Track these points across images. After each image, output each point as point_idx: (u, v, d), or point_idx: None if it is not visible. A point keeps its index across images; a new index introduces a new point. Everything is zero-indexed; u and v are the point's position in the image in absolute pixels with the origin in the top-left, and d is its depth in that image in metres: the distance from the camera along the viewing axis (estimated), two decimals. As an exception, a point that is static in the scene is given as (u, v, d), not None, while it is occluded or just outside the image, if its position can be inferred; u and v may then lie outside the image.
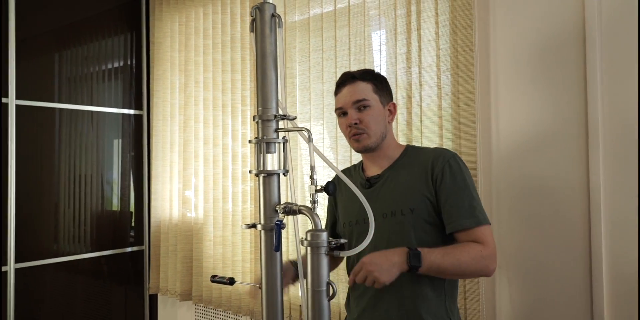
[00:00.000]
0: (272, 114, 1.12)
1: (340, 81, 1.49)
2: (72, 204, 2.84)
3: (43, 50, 2.74)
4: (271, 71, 1.13)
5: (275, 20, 1.13)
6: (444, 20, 1.83)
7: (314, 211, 1.07)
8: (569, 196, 1.61)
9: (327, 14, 2.19)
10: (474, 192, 1.36)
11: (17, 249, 2.57)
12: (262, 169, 1.12)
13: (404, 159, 1.46)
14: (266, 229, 1.13)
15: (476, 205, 1.34)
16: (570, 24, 1.61)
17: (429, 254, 1.26)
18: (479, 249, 1.30)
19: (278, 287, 1.13)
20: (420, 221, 1.36)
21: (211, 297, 2.66)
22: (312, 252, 1.05)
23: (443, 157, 1.39)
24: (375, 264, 1.22)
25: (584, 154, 1.58)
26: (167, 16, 2.95)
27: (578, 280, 1.59)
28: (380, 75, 1.51)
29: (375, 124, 1.43)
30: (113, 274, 3.02)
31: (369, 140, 1.43)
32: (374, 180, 1.47)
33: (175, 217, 2.89)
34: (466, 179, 1.37)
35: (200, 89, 2.75)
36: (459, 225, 1.33)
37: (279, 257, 1.13)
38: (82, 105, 2.86)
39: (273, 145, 1.14)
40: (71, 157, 2.83)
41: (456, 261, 1.27)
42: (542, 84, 1.67)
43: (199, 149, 2.74)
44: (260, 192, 1.13)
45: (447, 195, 1.35)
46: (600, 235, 1.53)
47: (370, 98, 1.43)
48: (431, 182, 1.37)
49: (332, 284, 1.04)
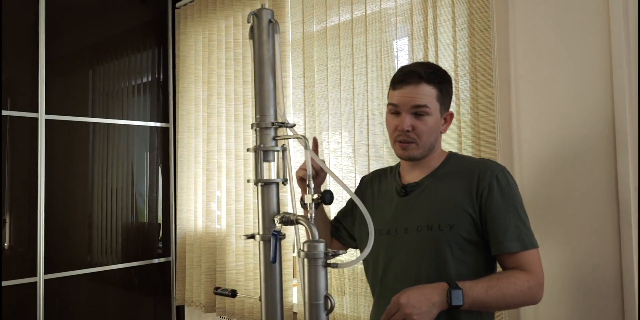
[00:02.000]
0: (269, 122, 1.09)
1: (401, 77, 1.30)
2: (104, 216, 2.90)
3: (72, 67, 2.83)
4: (269, 78, 1.11)
5: (273, 26, 1.11)
6: (461, 24, 1.77)
7: (312, 221, 1.03)
8: (597, 206, 1.50)
9: (344, 22, 2.17)
10: (521, 212, 1.24)
11: (47, 260, 2.63)
12: (260, 178, 1.09)
13: (445, 168, 1.33)
14: (264, 239, 1.10)
15: (523, 228, 1.22)
16: (596, 21, 1.53)
17: (471, 289, 1.15)
18: (525, 279, 1.18)
19: (277, 299, 1.09)
20: (458, 239, 1.24)
21: (234, 309, 2.64)
22: (309, 264, 1.00)
23: (491, 170, 1.25)
24: (413, 306, 1.11)
25: (612, 161, 1.48)
26: (192, 30, 3.00)
27: (609, 291, 1.47)
28: (447, 78, 1.33)
29: (428, 136, 1.29)
30: (141, 285, 3.05)
31: (416, 151, 1.30)
32: (411, 188, 1.34)
33: (200, 228, 2.90)
34: (515, 197, 1.24)
35: (222, 101, 2.77)
36: (504, 248, 1.20)
37: (278, 268, 1.09)
38: (111, 119, 2.93)
39: (272, 154, 1.11)
40: (103, 170, 2.90)
41: (501, 295, 1.16)
42: (566, 87, 1.58)
43: (222, 161, 2.75)
44: (258, 201, 1.10)
45: (493, 214, 1.22)
46: (631, 248, 1.42)
47: (431, 106, 1.27)
48: (475, 198, 1.24)
49: (330, 297, 0.99)
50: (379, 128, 2.01)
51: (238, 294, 1.19)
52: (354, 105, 2.09)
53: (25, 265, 2.58)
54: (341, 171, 2.15)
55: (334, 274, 2.17)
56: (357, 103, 2.08)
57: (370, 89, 2.03)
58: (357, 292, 2.07)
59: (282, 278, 1.10)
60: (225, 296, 1.20)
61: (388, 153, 1.98)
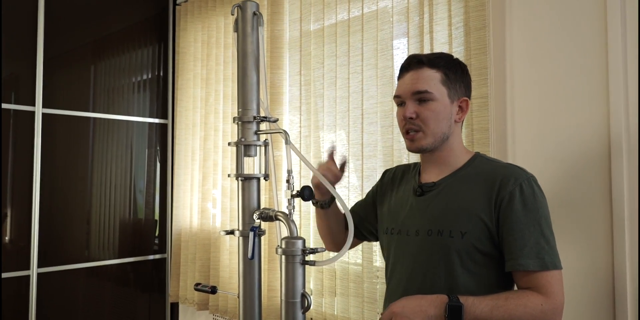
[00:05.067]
0: (251, 116, 1.08)
1: (405, 64, 1.24)
2: (100, 211, 2.89)
3: (72, 62, 2.83)
4: (252, 71, 1.09)
5: (257, 19, 1.10)
6: (457, 22, 1.75)
7: (291, 217, 1.01)
8: (591, 208, 1.47)
9: (341, 20, 2.15)
10: (545, 228, 1.11)
11: (41, 253, 2.62)
12: (240, 173, 1.07)
13: (468, 170, 1.21)
14: (244, 235, 1.08)
15: (544, 245, 1.09)
16: (592, 21, 1.50)
17: (474, 306, 1.04)
18: (539, 303, 1.05)
19: (255, 296, 1.08)
20: (470, 248, 1.13)
21: (227, 307, 2.62)
22: (286, 261, 0.98)
23: (515, 178, 1.13)
24: (407, 317, 1.04)
25: (606, 163, 1.45)
26: (191, 26, 2.99)
27: (600, 292, 1.44)
28: (456, 62, 1.24)
29: (435, 122, 1.18)
30: (136, 281, 3.04)
31: (424, 141, 1.19)
32: (428, 188, 1.23)
33: (195, 226, 2.89)
34: (539, 211, 1.11)
35: (220, 99, 2.76)
36: (518, 265, 1.09)
37: (256, 265, 1.07)
38: (110, 114, 2.93)
39: (253, 148, 1.09)
40: (101, 165, 2.89)
41: (508, 317, 1.04)
42: (562, 87, 1.55)
43: (218, 159, 2.74)
44: (238, 196, 1.09)
45: (511, 227, 1.11)
46: (624, 249, 1.40)
47: (434, 90, 1.18)
48: (494, 205, 1.13)
49: (307, 295, 0.97)
50: (374, 127, 1.99)
51: (218, 291, 1.17)
52: (349, 104, 2.07)
53: (18, 258, 2.58)
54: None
55: (326, 274, 2.15)
56: (352, 102, 2.06)
57: (365, 87, 2.01)
58: (348, 293, 2.05)
59: (260, 274, 1.09)
60: (205, 292, 1.18)
61: (382, 152, 1.96)
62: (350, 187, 2.07)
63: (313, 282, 2.21)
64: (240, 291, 1.07)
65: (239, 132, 1.08)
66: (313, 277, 2.20)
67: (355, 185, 2.05)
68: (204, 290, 1.19)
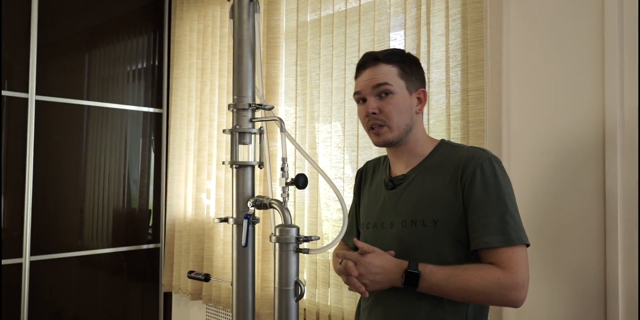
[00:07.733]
0: (246, 103, 1.07)
1: (361, 62, 1.28)
2: (94, 200, 2.88)
3: (67, 49, 2.80)
4: (247, 58, 1.08)
5: (253, 6, 1.09)
6: (454, 14, 1.74)
7: (285, 205, 1.01)
8: (584, 201, 1.48)
9: (338, 11, 2.14)
10: (509, 205, 1.12)
11: (34, 242, 2.61)
12: (235, 160, 1.07)
13: (434, 158, 1.25)
14: (238, 223, 1.08)
15: (509, 220, 1.10)
16: (589, 15, 1.50)
17: (431, 274, 1.10)
18: (496, 276, 1.06)
19: (249, 285, 1.08)
20: (444, 235, 1.16)
21: (220, 297, 2.63)
22: (280, 249, 0.98)
23: (476, 159, 1.16)
24: (370, 271, 1.13)
25: (601, 158, 1.46)
26: (187, 15, 2.96)
27: (592, 289, 1.46)
28: (409, 57, 1.28)
29: (397, 115, 1.22)
30: (130, 271, 3.04)
31: (390, 134, 1.22)
32: (398, 181, 1.27)
33: (189, 216, 2.88)
34: (502, 188, 1.13)
35: (215, 91, 2.74)
36: (482, 243, 1.10)
37: (250, 253, 1.07)
38: (105, 103, 2.91)
39: (248, 136, 1.09)
40: (95, 153, 2.88)
41: (462, 286, 1.08)
42: (558, 81, 1.55)
43: (213, 150, 2.73)
44: (232, 184, 1.08)
45: (475, 206, 1.13)
46: (616, 243, 1.40)
47: (393, 83, 1.22)
48: (460, 189, 1.15)
49: (301, 283, 0.98)
50: (369, 118, 1.98)
51: (211, 278, 1.17)
52: (345, 95, 2.07)
53: (11, 246, 2.57)
54: (330, 161, 2.13)
55: (319, 264, 2.16)
56: (348, 93, 2.06)
57: (361, 78, 2.01)
58: (341, 284, 2.06)
59: (254, 263, 1.09)
60: (198, 280, 1.18)
61: (377, 144, 1.96)
62: (345, 178, 2.07)
63: (307, 273, 2.21)
64: (234, 279, 1.07)
65: (233, 119, 1.08)
66: (307, 267, 2.20)
67: (350, 176, 2.06)
68: (197, 278, 1.19)
